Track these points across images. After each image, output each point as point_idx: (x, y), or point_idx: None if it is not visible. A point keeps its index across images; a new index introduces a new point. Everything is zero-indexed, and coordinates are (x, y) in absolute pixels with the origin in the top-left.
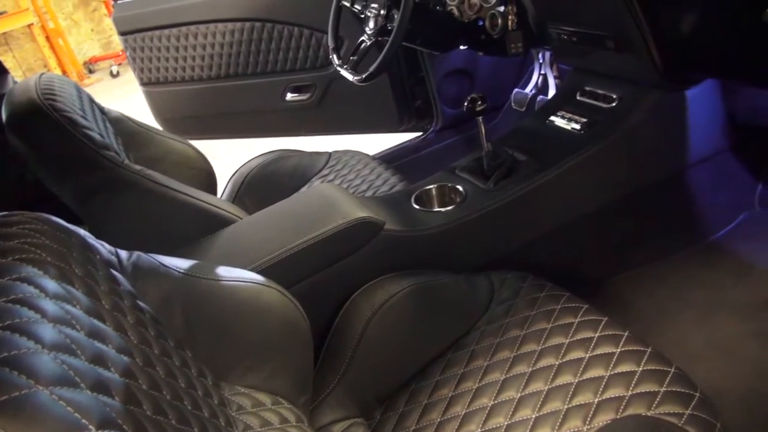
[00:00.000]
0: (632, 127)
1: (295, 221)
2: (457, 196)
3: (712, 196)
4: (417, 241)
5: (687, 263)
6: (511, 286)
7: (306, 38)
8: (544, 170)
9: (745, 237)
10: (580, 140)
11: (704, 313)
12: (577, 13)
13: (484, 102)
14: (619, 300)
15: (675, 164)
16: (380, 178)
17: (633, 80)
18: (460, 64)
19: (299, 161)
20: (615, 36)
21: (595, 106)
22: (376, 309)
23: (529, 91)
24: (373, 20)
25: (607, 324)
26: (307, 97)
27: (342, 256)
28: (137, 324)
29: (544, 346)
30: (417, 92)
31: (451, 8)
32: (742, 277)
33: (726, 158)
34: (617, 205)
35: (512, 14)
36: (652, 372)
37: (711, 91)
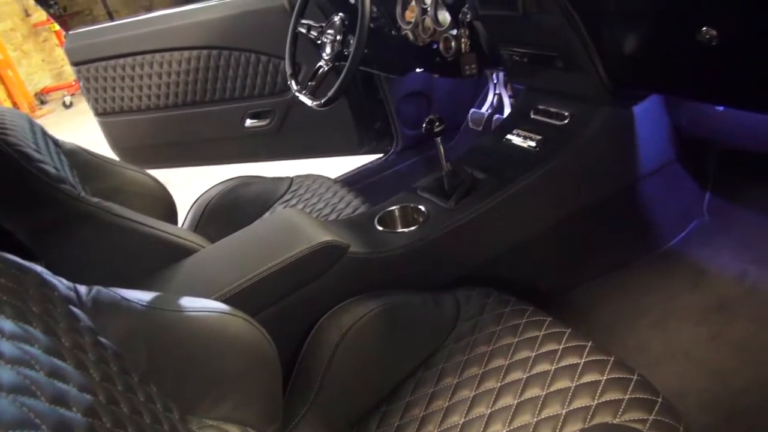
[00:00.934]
0: (584, 143)
1: (258, 248)
2: (420, 216)
3: (664, 206)
4: (382, 262)
5: (643, 272)
6: (476, 302)
7: (263, 64)
8: (503, 188)
9: (696, 244)
10: (536, 157)
11: (661, 320)
12: (527, 35)
13: (442, 123)
14: (581, 310)
15: (627, 177)
16: (343, 201)
17: (583, 98)
18: (417, 86)
19: (261, 187)
20: (563, 56)
21: (548, 124)
22: (344, 332)
23: (485, 111)
24: (329, 46)
25: (570, 335)
26: (266, 123)
27: (307, 281)
28: (99, 361)
29: (511, 361)
30: (376, 114)
31: (406, 32)
32: (695, 283)
33: (674, 169)
34: (575, 218)
35: (465, 37)
36: (615, 380)
37: (656, 105)
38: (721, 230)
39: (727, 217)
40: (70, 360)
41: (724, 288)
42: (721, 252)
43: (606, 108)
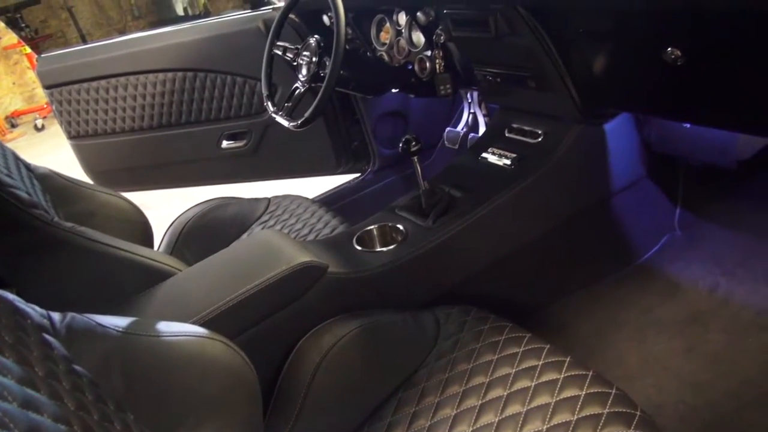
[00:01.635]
0: (558, 161)
1: (236, 270)
2: (398, 235)
3: (636, 221)
4: (361, 282)
5: (619, 286)
6: (456, 320)
7: (239, 86)
8: (480, 205)
9: (669, 258)
10: (511, 175)
11: (638, 333)
12: (500, 56)
13: (418, 142)
14: (559, 325)
15: (600, 193)
16: (321, 221)
17: (556, 116)
18: (393, 106)
19: (238, 208)
20: (536, 77)
21: (522, 142)
22: (324, 353)
23: (460, 129)
24: (305, 67)
25: (549, 351)
26: (243, 144)
27: (287, 302)
28: (74, 389)
29: (491, 378)
30: (353, 134)
31: (381, 54)
32: (669, 297)
33: (645, 185)
34: (551, 234)
35: (439, 58)
36: (595, 395)
37: (626, 123)
38: (692, 244)
39: (698, 231)
40: (44, 390)
41: (697, 300)
42: (692, 265)
43: (578, 126)
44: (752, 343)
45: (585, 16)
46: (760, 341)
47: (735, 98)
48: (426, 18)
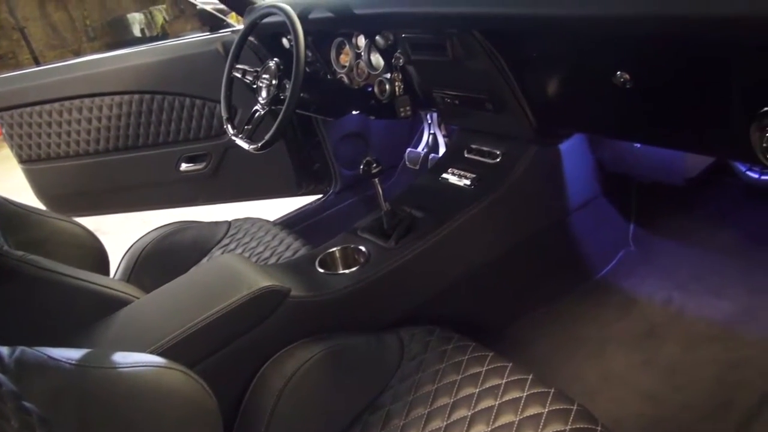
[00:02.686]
0: (516, 180)
1: (196, 296)
2: (361, 257)
3: (593, 238)
4: (324, 305)
5: (577, 302)
6: (420, 340)
7: (198, 108)
8: (441, 225)
9: (624, 274)
10: (471, 195)
11: (597, 348)
12: (457, 79)
13: (379, 164)
14: (521, 343)
15: (557, 211)
16: (283, 244)
17: (513, 137)
18: (354, 128)
19: (198, 232)
20: (492, 99)
21: (481, 162)
22: (288, 379)
23: (421, 150)
24: (265, 90)
25: (512, 369)
26: (202, 167)
27: (248, 327)
28: (23, 428)
29: (456, 398)
30: (314, 156)
31: (341, 76)
32: (625, 311)
33: (600, 203)
34: (511, 253)
35: (398, 81)
36: (557, 412)
37: (580, 143)
38: (646, 259)
39: (651, 247)
40: None
41: (652, 314)
42: (647, 280)
43: (534, 146)
44: (705, 354)
45: (538, 41)
46: (712, 352)
47: (679, 119)
48: (385, 42)
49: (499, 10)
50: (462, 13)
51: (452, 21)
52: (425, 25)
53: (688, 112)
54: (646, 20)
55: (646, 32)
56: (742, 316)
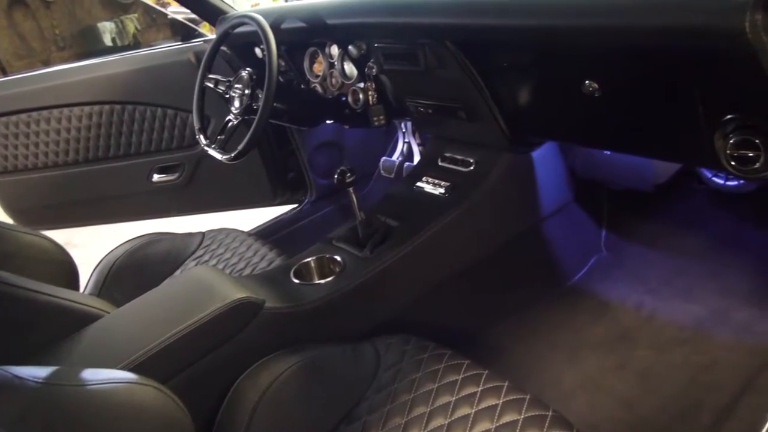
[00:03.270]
0: (490, 188)
1: (169, 309)
2: (336, 267)
3: (566, 244)
4: (300, 316)
5: (552, 308)
6: (396, 350)
7: (170, 118)
8: (416, 234)
9: (597, 279)
10: (446, 203)
11: (572, 353)
12: (430, 88)
13: (353, 173)
14: (497, 350)
15: (531, 218)
16: (258, 255)
17: (486, 145)
18: (328, 137)
19: (171, 244)
20: (465, 108)
21: (455, 171)
22: (263, 392)
23: (396, 159)
24: (238, 100)
25: (488, 377)
26: (175, 177)
27: (223, 340)
28: None
29: (432, 408)
30: (289, 165)
31: (315, 85)
32: (599, 316)
33: (572, 209)
34: (486, 260)
35: (372, 90)
36: (533, 418)
37: (552, 151)
38: (617, 264)
39: (622, 252)
40: None
41: (625, 318)
42: (619, 284)
43: (507, 154)
44: (676, 357)
45: (508, 51)
46: (684, 355)
47: (646, 128)
48: (358, 51)
49: (470, 21)
50: (434, 23)
51: (424, 31)
52: (397, 36)
53: (654, 121)
54: (603, 31)
55: (606, 44)
56: (711, 319)
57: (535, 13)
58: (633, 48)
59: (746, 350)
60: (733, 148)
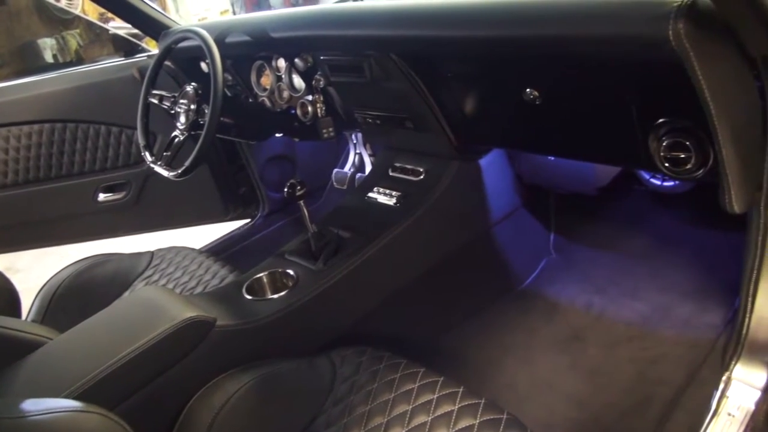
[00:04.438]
0: (440, 196)
1: (115, 332)
2: (289, 281)
3: (516, 248)
4: (253, 332)
5: (505, 311)
6: (352, 362)
7: (115, 136)
8: (369, 244)
9: (547, 281)
10: (397, 213)
11: (525, 355)
12: (377, 99)
13: (303, 186)
14: (453, 356)
15: (481, 224)
16: (209, 272)
17: (435, 154)
18: (279, 150)
19: (118, 265)
20: (412, 118)
21: (406, 180)
22: (217, 412)
23: (348, 170)
24: (183, 115)
25: (443, 383)
26: (122, 196)
27: (173, 361)
28: None
29: (390, 418)
30: (240, 180)
31: (263, 99)
32: (550, 317)
33: (521, 214)
34: (439, 267)
35: (320, 103)
36: (488, 422)
37: (499, 158)
38: (566, 266)
39: (571, 254)
40: None
41: (575, 318)
42: (569, 286)
43: (455, 163)
44: (624, 354)
45: (451, 61)
46: (631, 352)
47: (585, 133)
48: (304, 64)
49: (412, 33)
50: (377, 36)
51: (368, 44)
52: (342, 48)
53: (592, 126)
54: (539, 41)
55: (543, 52)
56: (655, 315)
57: (475, 24)
58: (568, 56)
59: (689, 344)
60: (666, 150)
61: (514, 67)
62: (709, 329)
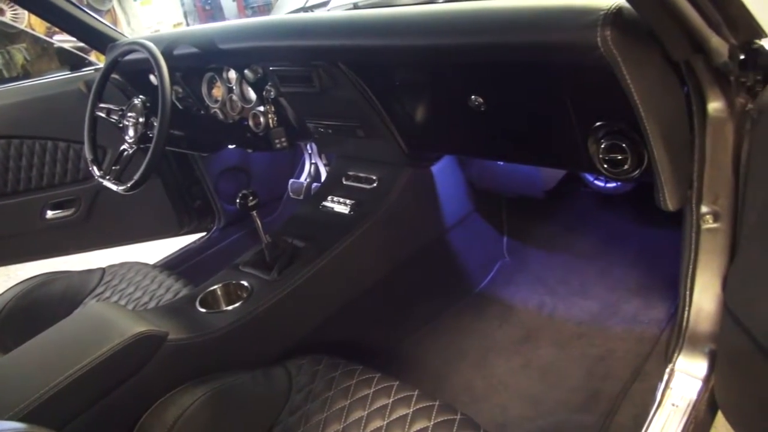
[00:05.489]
0: (393, 203)
1: (62, 350)
2: (243, 292)
3: (471, 253)
4: (206, 345)
5: (461, 315)
6: (308, 371)
7: (62, 151)
8: (323, 253)
9: (501, 284)
10: (351, 221)
11: (481, 358)
12: (327, 109)
13: (255, 197)
14: (410, 361)
15: (435, 230)
16: (163, 287)
17: (388, 162)
18: (234, 162)
19: (67, 283)
20: (363, 126)
21: (359, 188)
22: (170, 428)
23: (303, 180)
24: (132, 129)
25: (398, 388)
26: (71, 212)
27: (123, 378)
28: None
29: (345, 424)
30: (195, 193)
31: (215, 111)
32: (504, 320)
33: (474, 219)
34: (394, 274)
35: (271, 113)
36: (442, 423)
37: (451, 164)
38: (519, 268)
39: (523, 256)
40: None
41: (528, 319)
42: (522, 288)
43: (407, 170)
44: (575, 351)
45: (399, 70)
46: (581, 349)
47: (529, 137)
48: (254, 75)
49: (358, 42)
50: (324, 46)
51: (316, 54)
52: (290, 58)
53: (535, 131)
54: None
55: (483, 59)
56: (604, 312)
57: (414, 33)
58: (507, 63)
59: (635, 339)
60: (604, 152)
61: (459, 74)
62: (654, 324)
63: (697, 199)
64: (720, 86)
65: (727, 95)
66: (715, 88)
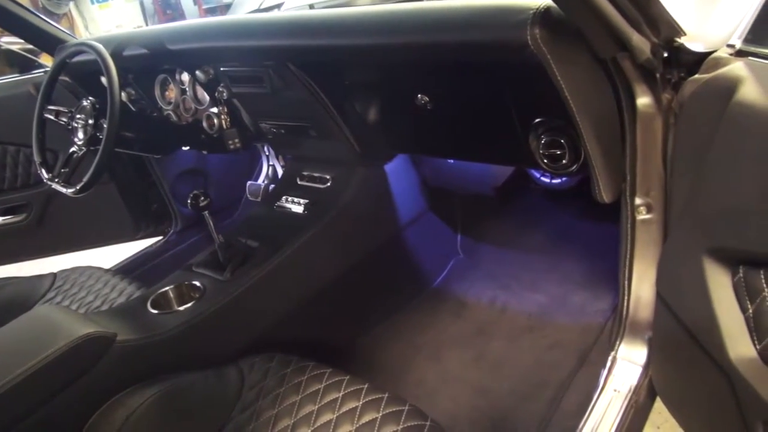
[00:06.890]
0: (347, 202)
1: (6, 353)
2: (196, 293)
3: (425, 250)
4: (156, 346)
5: (416, 312)
6: (260, 368)
7: (12, 155)
8: (276, 252)
9: (456, 280)
10: (305, 220)
11: (435, 352)
12: (279, 109)
13: (207, 197)
14: (366, 357)
15: (390, 228)
16: (116, 290)
17: (341, 161)
18: (190, 164)
19: (16, 289)
20: (315, 126)
21: (313, 188)
22: (118, 428)
23: (261, 182)
24: (81, 130)
25: (349, 382)
26: (22, 218)
27: (71, 380)
28: None
29: (296, 419)
30: (151, 196)
31: (168, 113)
32: (458, 315)
33: (428, 217)
34: (349, 272)
35: (224, 114)
36: (391, 414)
37: (404, 163)
38: (473, 265)
39: (477, 253)
40: None
41: (481, 314)
42: (475, 283)
43: (361, 169)
44: (525, 343)
45: (348, 69)
46: (531, 341)
47: (474, 135)
48: (205, 76)
49: (305, 42)
50: (272, 46)
51: (265, 54)
52: (240, 59)
53: (479, 128)
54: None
55: (421, 58)
56: (553, 305)
57: (359, 32)
58: (447, 62)
59: (581, 329)
60: (544, 147)
61: (405, 74)
62: (599, 314)
63: (631, 192)
64: (647, 83)
65: (654, 91)
66: (642, 85)
